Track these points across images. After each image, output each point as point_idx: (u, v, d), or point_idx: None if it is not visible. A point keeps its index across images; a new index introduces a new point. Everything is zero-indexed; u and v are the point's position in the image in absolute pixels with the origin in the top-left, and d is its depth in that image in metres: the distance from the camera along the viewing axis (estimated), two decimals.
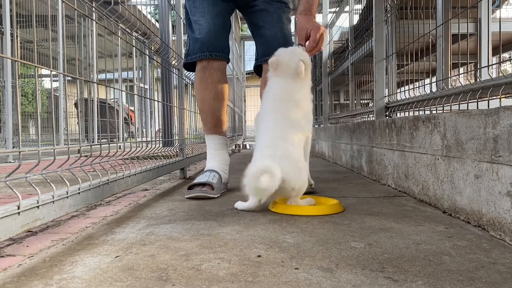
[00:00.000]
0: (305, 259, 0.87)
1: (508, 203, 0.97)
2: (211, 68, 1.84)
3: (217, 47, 1.82)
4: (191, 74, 3.14)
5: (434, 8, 2.22)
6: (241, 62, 8.99)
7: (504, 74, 1.24)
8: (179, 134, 2.54)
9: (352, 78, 3.69)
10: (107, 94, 2.21)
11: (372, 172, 2.22)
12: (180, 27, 2.65)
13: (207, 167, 1.85)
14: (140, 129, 7.53)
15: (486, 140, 1.07)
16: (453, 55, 2.67)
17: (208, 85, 1.85)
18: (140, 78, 8.56)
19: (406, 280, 0.74)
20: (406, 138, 1.67)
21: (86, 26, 6.16)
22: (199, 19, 1.82)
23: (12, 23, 3.90)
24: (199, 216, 1.33)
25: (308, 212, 1.32)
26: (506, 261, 0.84)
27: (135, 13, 3.92)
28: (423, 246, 0.95)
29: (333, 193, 1.73)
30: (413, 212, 1.34)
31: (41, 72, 6.85)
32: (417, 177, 1.57)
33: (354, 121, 3.00)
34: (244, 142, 6.79)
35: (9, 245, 1.02)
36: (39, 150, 1.00)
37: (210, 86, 1.85)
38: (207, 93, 1.86)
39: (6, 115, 3.95)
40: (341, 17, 4.49)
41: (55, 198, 0.98)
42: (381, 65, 2.29)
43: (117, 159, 1.50)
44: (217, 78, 1.85)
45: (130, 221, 1.27)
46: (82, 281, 0.75)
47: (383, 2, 2.30)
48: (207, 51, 1.80)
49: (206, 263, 0.85)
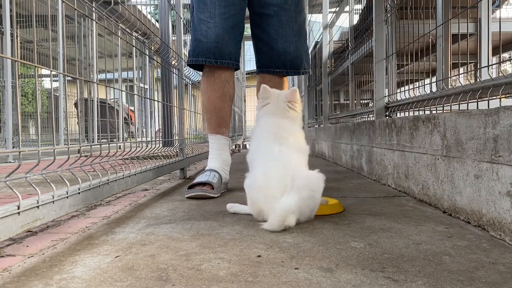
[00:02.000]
0: (305, 259, 0.87)
1: (508, 203, 0.97)
2: (218, 73, 1.80)
3: (225, 54, 1.74)
4: (191, 74, 3.15)
5: (434, 8, 2.22)
6: (241, 62, 8.98)
7: (504, 74, 1.24)
8: (179, 134, 2.54)
9: (352, 78, 3.69)
10: (107, 94, 2.21)
11: (372, 172, 2.22)
12: (180, 27, 2.64)
13: (208, 167, 1.83)
14: (140, 129, 7.53)
15: (486, 140, 1.07)
16: (453, 55, 2.66)
17: (215, 85, 1.81)
18: (140, 78, 8.56)
19: (406, 280, 0.74)
20: (406, 138, 1.67)
21: (86, 26, 6.17)
22: (208, 20, 1.71)
23: (12, 23, 3.90)
24: (199, 216, 1.33)
25: None
26: (506, 261, 0.84)
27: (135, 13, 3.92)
28: (423, 246, 0.95)
29: (333, 193, 1.73)
30: (413, 212, 1.34)
31: (41, 72, 6.84)
32: (417, 177, 1.57)
33: (354, 121, 3.00)
34: (244, 142, 6.79)
35: (9, 245, 1.02)
36: (39, 150, 0.99)
37: (217, 86, 1.81)
38: (213, 92, 1.83)
39: (6, 115, 3.95)
40: (341, 17, 4.49)
41: (55, 198, 0.98)
42: (381, 65, 2.29)
43: (117, 159, 1.50)
44: (225, 79, 1.82)
45: (130, 221, 1.27)
46: (82, 281, 0.75)
47: (383, 2, 2.30)
48: (213, 58, 1.73)
49: (206, 263, 0.85)
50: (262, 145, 1.31)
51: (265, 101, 1.39)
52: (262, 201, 1.15)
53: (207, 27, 1.71)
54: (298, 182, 1.13)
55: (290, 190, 1.11)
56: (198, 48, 1.74)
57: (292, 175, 1.14)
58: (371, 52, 2.48)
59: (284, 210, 1.07)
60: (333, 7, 4.70)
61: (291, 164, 1.17)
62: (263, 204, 1.15)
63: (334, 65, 4.52)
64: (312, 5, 5.91)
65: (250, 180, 1.22)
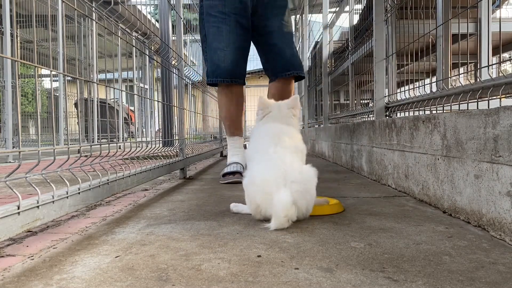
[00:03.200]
0: (305, 259, 0.87)
1: (508, 203, 0.97)
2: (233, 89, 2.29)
3: (238, 75, 2.25)
4: (191, 74, 3.15)
5: (434, 8, 2.22)
6: None
7: (504, 74, 1.24)
8: (179, 134, 2.54)
9: (352, 78, 3.69)
10: (107, 94, 2.21)
11: (372, 172, 2.22)
12: (180, 27, 2.64)
13: (232, 160, 2.32)
14: (140, 129, 7.53)
15: (486, 140, 1.07)
16: (453, 55, 2.66)
17: (232, 100, 2.32)
18: (140, 78, 8.56)
19: (406, 280, 0.74)
20: (406, 138, 1.67)
21: (86, 26, 6.16)
22: (225, 48, 2.19)
23: (12, 23, 3.90)
24: (199, 216, 1.33)
25: None
26: (506, 261, 0.84)
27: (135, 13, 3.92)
28: (423, 246, 0.95)
29: (333, 193, 1.73)
30: (413, 212, 1.34)
31: (41, 72, 6.85)
32: (417, 177, 1.57)
33: (354, 121, 3.00)
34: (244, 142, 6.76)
35: (9, 245, 1.02)
36: (39, 150, 0.99)
37: (234, 100, 2.32)
38: (230, 104, 2.33)
39: (6, 115, 3.95)
40: (341, 17, 4.49)
41: (55, 198, 0.98)
42: (381, 65, 2.29)
43: (117, 159, 1.50)
44: (238, 93, 2.32)
45: (130, 221, 1.27)
46: (82, 281, 0.75)
47: (383, 2, 2.30)
48: (230, 78, 2.22)
49: (206, 263, 0.85)
50: (260, 145, 1.36)
51: (266, 110, 1.47)
52: (258, 197, 1.19)
53: (224, 54, 2.19)
54: (290, 176, 1.16)
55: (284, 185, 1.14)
56: (218, 71, 2.21)
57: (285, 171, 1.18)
58: (371, 52, 2.48)
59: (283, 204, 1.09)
60: (333, 7, 4.70)
61: (285, 162, 1.21)
62: (260, 200, 1.19)
63: (334, 65, 4.52)
64: (312, 5, 5.90)
65: (247, 179, 1.26)
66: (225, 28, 2.18)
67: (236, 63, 2.21)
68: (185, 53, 3.06)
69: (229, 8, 2.18)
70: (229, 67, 2.19)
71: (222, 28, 2.18)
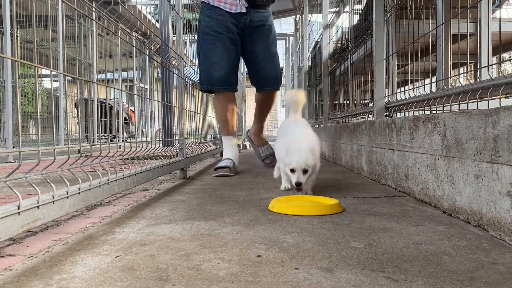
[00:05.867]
0: (305, 259, 0.87)
1: (508, 203, 0.97)
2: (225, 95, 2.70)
3: (230, 83, 2.67)
4: (191, 75, 3.16)
5: (434, 8, 2.21)
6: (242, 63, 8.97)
7: (504, 74, 1.24)
8: (179, 134, 2.54)
9: (352, 78, 3.69)
10: (107, 94, 2.21)
11: (372, 172, 2.22)
12: (180, 27, 2.64)
13: (226, 156, 2.71)
14: (140, 129, 7.53)
15: (486, 140, 1.07)
16: (453, 55, 2.66)
17: (226, 105, 2.73)
18: (140, 78, 8.56)
19: (406, 280, 0.74)
20: (406, 138, 1.67)
21: (86, 26, 6.16)
22: (219, 61, 2.61)
23: (12, 23, 3.90)
24: (199, 216, 1.33)
25: (308, 212, 1.32)
26: (506, 261, 0.84)
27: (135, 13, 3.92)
28: (423, 246, 0.95)
29: (333, 193, 1.73)
30: (413, 212, 1.34)
31: (41, 72, 6.85)
32: (417, 177, 1.57)
33: (354, 121, 3.00)
34: (244, 142, 6.75)
35: (9, 245, 1.02)
36: (39, 150, 0.99)
37: (228, 105, 2.73)
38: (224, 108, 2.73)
39: (6, 115, 3.95)
40: (341, 17, 4.49)
41: (55, 198, 0.98)
42: (381, 65, 2.29)
43: (117, 159, 1.50)
44: (230, 98, 2.74)
45: (130, 221, 1.27)
46: (82, 281, 0.75)
47: (383, 2, 2.30)
48: (223, 86, 2.65)
49: (206, 263, 0.85)
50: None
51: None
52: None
53: (219, 66, 2.61)
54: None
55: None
56: (212, 79, 2.62)
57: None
58: (371, 52, 2.48)
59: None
60: (333, 7, 4.70)
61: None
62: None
63: (334, 65, 4.52)
64: (312, 5, 5.90)
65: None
66: (219, 44, 2.59)
67: (229, 74, 2.63)
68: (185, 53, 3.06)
69: (221, 29, 2.59)
70: (223, 77, 2.62)
71: (217, 45, 2.59)
